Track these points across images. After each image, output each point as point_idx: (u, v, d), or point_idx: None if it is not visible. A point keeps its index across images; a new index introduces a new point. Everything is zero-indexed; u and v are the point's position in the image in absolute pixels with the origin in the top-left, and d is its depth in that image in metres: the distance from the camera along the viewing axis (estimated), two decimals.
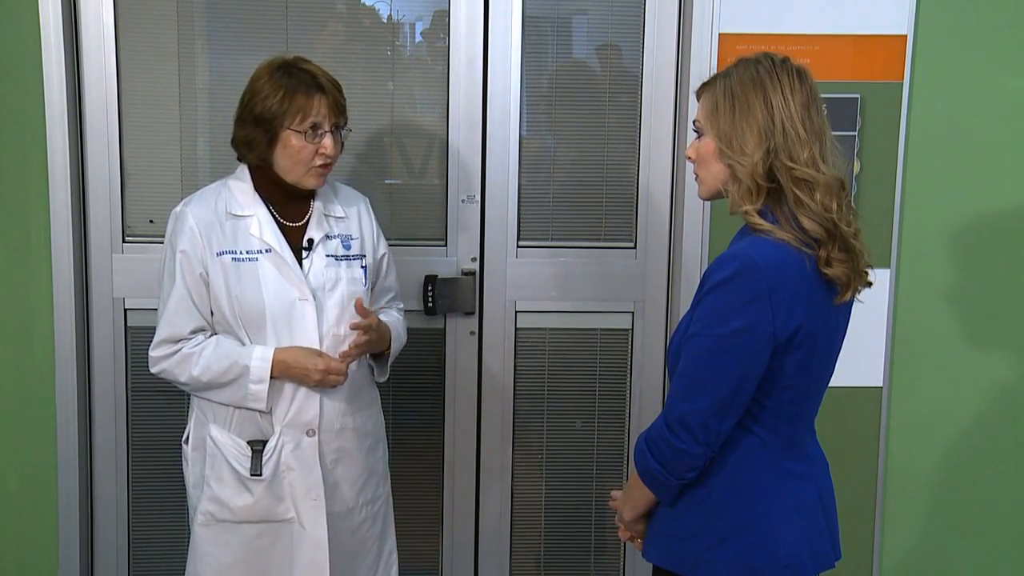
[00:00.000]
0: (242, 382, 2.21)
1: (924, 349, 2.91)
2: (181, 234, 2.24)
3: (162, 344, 2.26)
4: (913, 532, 3.00)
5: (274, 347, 2.22)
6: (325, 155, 2.23)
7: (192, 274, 2.23)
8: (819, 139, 1.82)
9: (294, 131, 2.20)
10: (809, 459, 1.93)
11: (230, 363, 2.21)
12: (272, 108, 2.19)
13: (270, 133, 2.21)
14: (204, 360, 2.23)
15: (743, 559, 1.85)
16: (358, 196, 2.46)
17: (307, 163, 2.23)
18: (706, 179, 1.91)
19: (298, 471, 2.27)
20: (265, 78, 2.23)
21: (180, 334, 2.25)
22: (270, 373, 2.21)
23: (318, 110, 2.21)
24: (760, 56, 1.86)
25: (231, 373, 2.21)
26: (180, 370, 2.25)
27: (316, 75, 2.23)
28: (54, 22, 2.68)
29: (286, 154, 2.23)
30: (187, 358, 2.24)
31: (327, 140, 2.22)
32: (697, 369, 1.80)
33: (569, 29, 2.94)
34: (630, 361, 3.00)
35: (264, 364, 2.20)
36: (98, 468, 2.92)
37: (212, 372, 2.22)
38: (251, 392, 2.22)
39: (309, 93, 2.20)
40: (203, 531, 2.31)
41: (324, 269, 2.29)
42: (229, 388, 2.23)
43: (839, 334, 1.92)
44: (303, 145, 2.21)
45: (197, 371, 2.23)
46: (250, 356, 2.21)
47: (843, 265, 1.81)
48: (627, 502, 2.00)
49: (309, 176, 2.25)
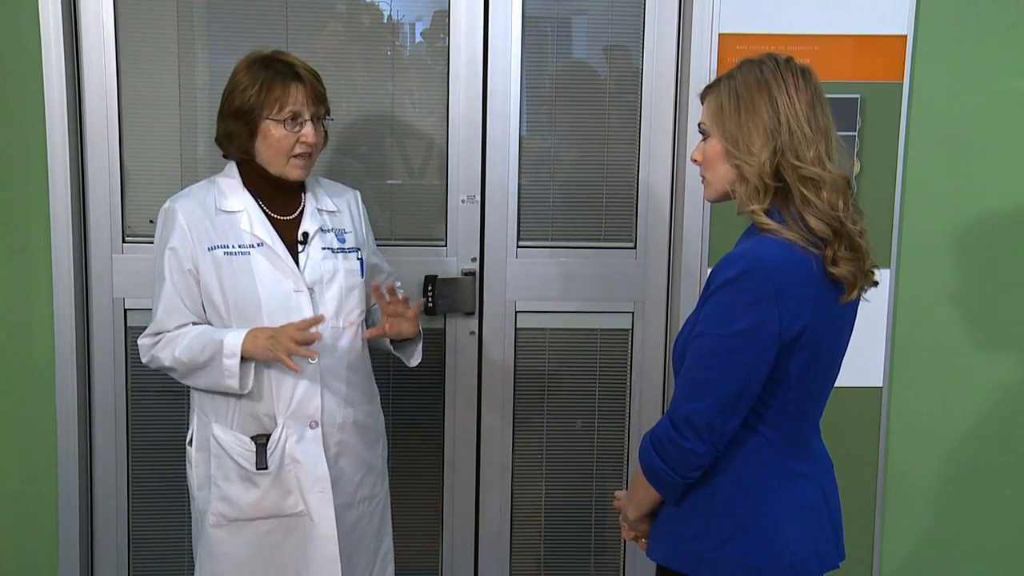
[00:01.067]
0: (217, 359, 2.20)
1: (924, 349, 2.91)
2: (170, 231, 2.25)
3: (150, 335, 2.29)
4: (913, 532, 3.00)
5: (246, 330, 2.21)
6: (306, 143, 2.24)
7: (180, 271, 2.24)
8: (825, 137, 1.82)
9: (273, 120, 2.21)
10: (814, 459, 1.94)
11: (207, 340, 2.21)
12: (250, 100, 2.21)
13: (250, 125, 2.23)
14: (186, 341, 2.23)
15: (747, 559, 1.85)
16: (347, 189, 2.47)
17: (288, 152, 2.24)
18: (713, 181, 1.91)
19: (304, 463, 2.28)
20: (243, 71, 2.25)
21: (166, 328, 2.26)
22: (241, 346, 2.18)
23: (295, 99, 2.22)
24: (764, 56, 1.87)
25: (208, 351, 2.20)
26: (165, 353, 2.25)
27: (293, 65, 2.25)
28: (54, 22, 2.68)
29: (267, 144, 2.24)
30: (171, 340, 2.25)
31: (307, 128, 2.23)
32: (703, 369, 1.80)
33: (569, 29, 2.93)
34: (630, 361, 3.00)
35: (237, 337, 2.19)
36: (98, 468, 2.92)
37: (192, 351, 2.22)
38: (225, 368, 2.19)
39: (286, 83, 2.22)
40: (216, 532, 2.31)
41: (322, 261, 2.30)
42: (207, 368, 2.22)
43: (845, 334, 1.93)
44: (284, 134, 2.22)
45: (178, 351, 2.23)
46: (225, 332, 2.21)
47: (849, 264, 1.81)
48: (631, 501, 2.00)
49: (291, 166, 2.26)
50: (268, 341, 2.17)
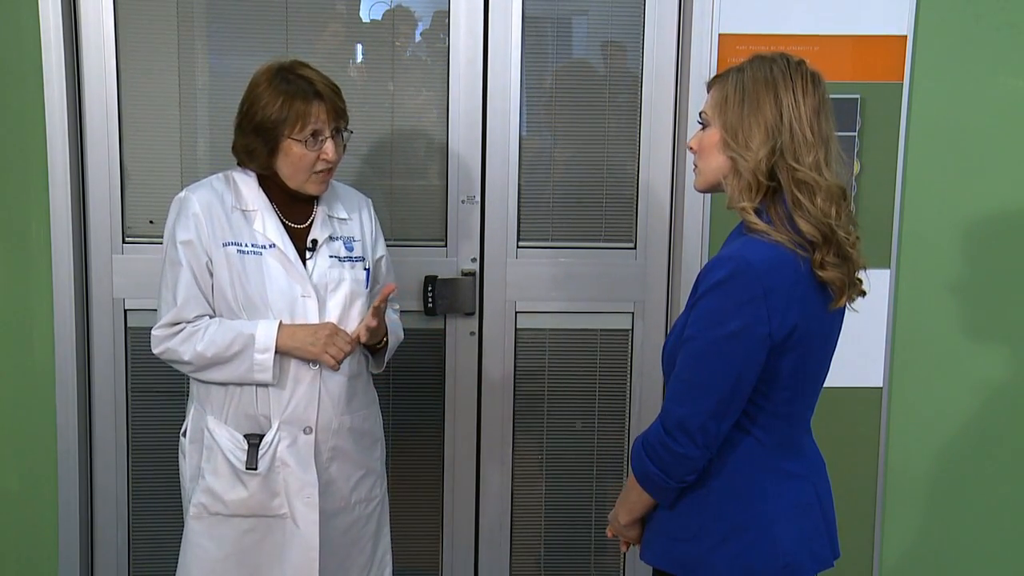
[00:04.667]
0: (247, 352, 2.20)
1: (924, 349, 2.91)
2: (186, 220, 2.24)
3: (166, 326, 2.25)
4: (913, 532, 3.00)
5: (276, 321, 2.22)
6: (327, 160, 2.23)
7: (198, 261, 2.23)
8: (825, 145, 1.81)
9: (294, 139, 2.20)
10: (806, 458, 1.93)
11: (235, 334, 2.20)
12: (272, 117, 2.19)
13: (271, 143, 2.21)
14: (209, 335, 2.22)
15: (742, 560, 1.85)
16: (361, 198, 2.46)
17: (309, 169, 2.23)
18: (705, 170, 1.90)
19: (293, 468, 2.27)
20: (264, 85, 2.22)
21: (185, 318, 2.24)
22: (275, 341, 2.19)
23: (317, 117, 2.20)
24: (776, 55, 1.85)
25: (236, 345, 2.20)
26: (185, 347, 2.23)
27: (313, 81, 2.22)
28: (54, 22, 2.68)
29: (288, 162, 2.23)
30: (192, 335, 2.23)
31: (328, 146, 2.22)
32: (694, 372, 1.79)
33: (569, 29, 2.93)
34: (630, 361, 3.00)
35: (270, 332, 2.19)
36: (98, 468, 2.92)
37: (217, 346, 2.21)
38: (257, 362, 2.20)
39: (307, 100, 2.19)
40: (195, 524, 2.31)
41: (328, 269, 2.29)
42: (234, 362, 2.22)
43: (834, 335, 1.92)
44: (304, 153, 2.21)
45: (202, 346, 2.21)
46: (255, 326, 2.21)
47: (837, 270, 1.80)
48: (623, 505, 1.99)
49: (311, 183, 2.25)
50: (311, 337, 2.20)
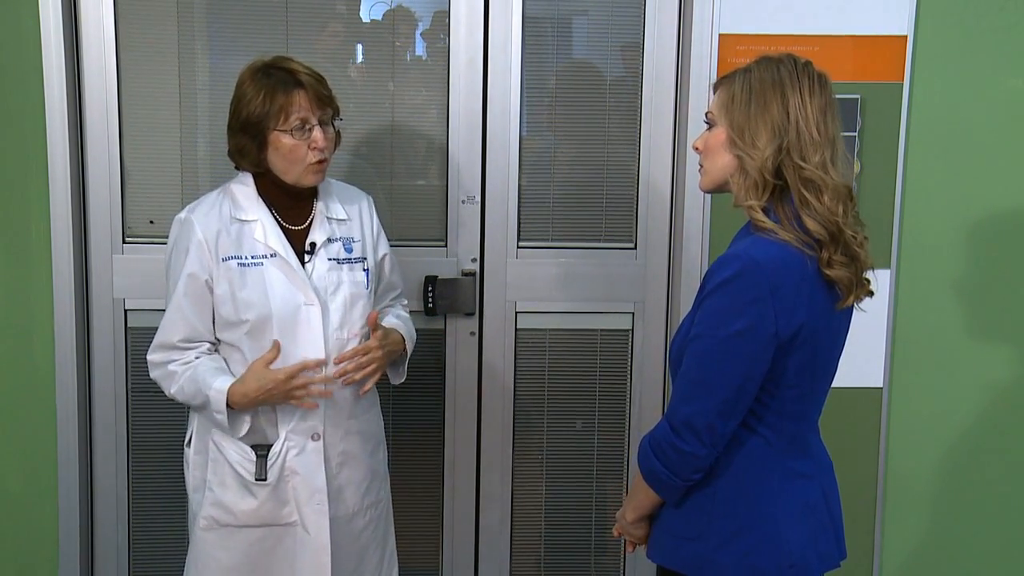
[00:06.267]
0: (209, 409, 2.23)
1: (924, 350, 2.91)
2: (188, 246, 2.23)
3: (157, 349, 2.29)
4: (914, 533, 3.00)
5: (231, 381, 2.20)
6: (317, 149, 2.20)
7: (195, 285, 2.22)
8: (832, 145, 1.82)
9: (281, 131, 2.19)
10: (813, 458, 1.94)
11: (195, 390, 2.23)
12: (256, 112, 2.18)
13: (259, 138, 2.20)
14: (181, 382, 2.25)
15: (748, 559, 1.85)
16: (360, 195, 2.44)
17: (302, 161, 2.21)
18: (711, 170, 1.90)
19: (302, 475, 2.27)
20: (248, 83, 2.21)
21: (170, 341, 2.26)
22: (225, 405, 2.19)
23: (300, 105, 2.18)
24: (783, 56, 1.86)
25: (198, 399, 2.24)
26: (165, 384, 2.29)
27: (294, 71, 2.20)
28: (54, 22, 2.68)
29: (279, 155, 2.21)
30: (170, 376, 2.26)
31: (316, 134, 2.20)
32: (701, 371, 1.80)
33: (569, 29, 2.93)
34: (630, 362, 3.00)
35: (220, 396, 2.20)
36: (98, 468, 2.91)
37: (185, 394, 2.25)
38: (216, 420, 2.23)
39: (288, 91, 2.18)
40: (205, 535, 2.30)
41: (326, 273, 2.28)
42: (202, 411, 2.27)
43: (841, 333, 1.92)
44: (294, 143, 2.19)
45: (174, 390, 2.26)
46: (210, 387, 2.21)
47: (844, 268, 1.81)
48: (630, 503, 2.00)
49: (307, 173, 2.23)
50: (264, 395, 2.19)
